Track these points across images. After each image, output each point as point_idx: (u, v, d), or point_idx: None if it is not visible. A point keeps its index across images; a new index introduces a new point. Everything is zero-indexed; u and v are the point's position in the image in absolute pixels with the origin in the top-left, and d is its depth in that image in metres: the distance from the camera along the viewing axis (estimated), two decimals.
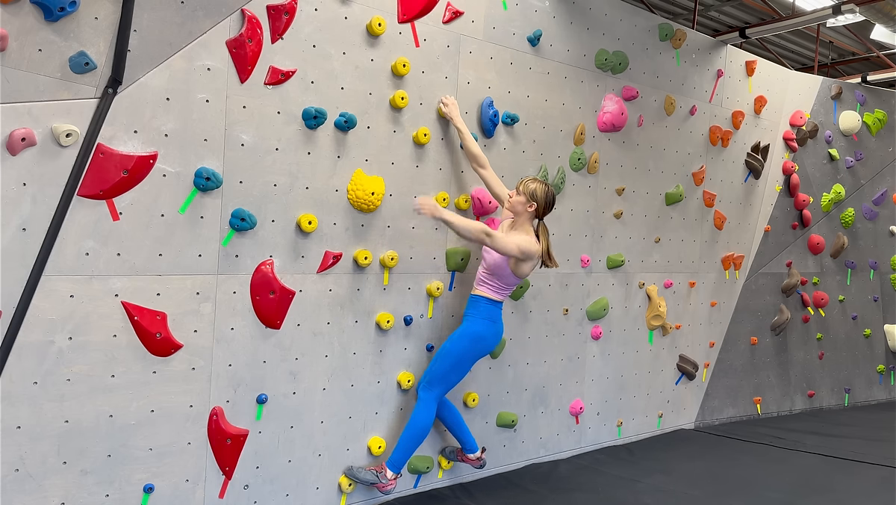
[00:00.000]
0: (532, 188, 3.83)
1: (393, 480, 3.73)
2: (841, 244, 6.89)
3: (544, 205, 3.86)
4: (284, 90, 3.44)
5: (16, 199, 2.76)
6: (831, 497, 4.34)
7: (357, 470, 3.74)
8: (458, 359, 3.78)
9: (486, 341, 3.82)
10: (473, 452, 4.08)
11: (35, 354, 2.84)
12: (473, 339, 3.79)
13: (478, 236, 3.65)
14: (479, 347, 3.81)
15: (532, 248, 3.77)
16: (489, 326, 3.82)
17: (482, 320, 3.81)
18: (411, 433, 3.73)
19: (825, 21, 6.53)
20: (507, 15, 4.33)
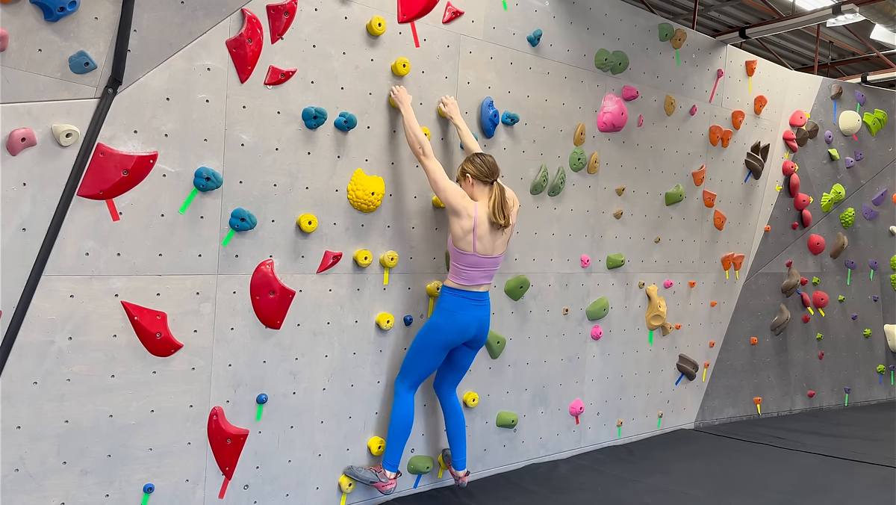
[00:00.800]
0: (463, 168, 3.75)
1: (392, 479, 3.73)
2: (841, 244, 6.89)
3: (475, 169, 3.70)
4: (284, 90, 3.44)
5: (16, 199, 2.76)
6: (831, 497, 4.34)
7: (357, 469, 3.74)
8: (415, 349, 3.76)
9: (441, 331, 3.70)
10: (459, 470, 4.02)
11: (35, 354, 2.84)
12: (427, 329, 3.74)
13: (415, 147, 3.68)
14: (432, 336, 3.71)
15: (458, 199, 3.62)
16: (443, 314, 3.70)
17: (437, 310, 3.75)
18: (394, 428, 3.74)
19: (825, 21, 6.53)
20: (507, 15, 4.33)
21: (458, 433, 3.98)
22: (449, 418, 3.97)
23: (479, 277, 3.76)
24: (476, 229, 3.65)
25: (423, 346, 3.74)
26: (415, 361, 3.77)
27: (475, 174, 3.71)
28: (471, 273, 3.74)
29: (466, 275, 3.73)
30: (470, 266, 3.72)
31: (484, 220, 3.66)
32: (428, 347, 3.74)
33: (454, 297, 3.74)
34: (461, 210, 3.63)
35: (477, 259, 3.70)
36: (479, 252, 3.68)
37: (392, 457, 3.74)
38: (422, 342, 3.75)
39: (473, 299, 3.76)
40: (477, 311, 3.78)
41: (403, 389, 3.77)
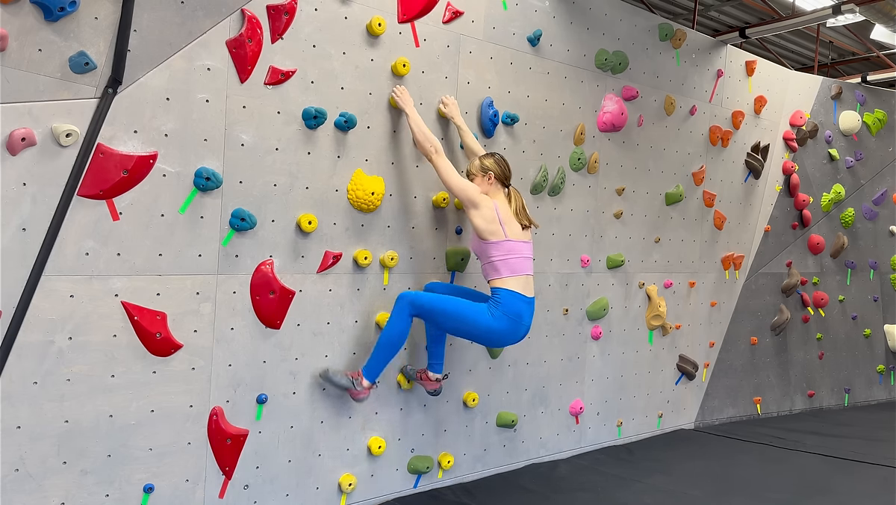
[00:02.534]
0: (483, 164, 3.75)
1: (367, 389, 3.61)
2: (841, 244, 6.89)
3: (499, 170, 3.75)
4: (284, 90, 3.44)
5: (16, 199, 2.76)
6: (831, 497, 4.34)
7: (332, 374, 3.58)
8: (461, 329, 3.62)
9: (501, 338, 3.65)
10: (436, 373, 3.89)
11: (35, 354, 2.84)
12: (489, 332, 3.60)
13: (425, 147, 3.67)
14: (490, 340, 3.66)
15: (475, 192, 3.63)
16: (507, 319, 3.59)
17: (499, 312, 3.58)
18: (385, 342, 3.59)
19: (825, 21, 6.53)
20: (507, 15, 4.33)
21: (441, 337, 3.87)
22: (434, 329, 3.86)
23: (524, 265, 3.68)
24: (500, 213, 3.64)
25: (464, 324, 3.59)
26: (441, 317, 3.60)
27: (499, 175, 3.75)
28: (514, 262, 3.64)
29: (511, 266, 3.63)
30: (509, 254, 3.63)
31: (503, 206, 3.70)
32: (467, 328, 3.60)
33: (517, 302, 3.61)
34: (480, 201, 3.63)
35: (512, 244, 3.64)
36: (511, 236, 3.64)
37: (374, 368, 3.61)
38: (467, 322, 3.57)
39: (531, 305, 3.70)
40: (530, 315, 3.71)
41: (407, 311, 3.57)
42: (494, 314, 3.59)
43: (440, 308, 3.60)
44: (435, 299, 3.62)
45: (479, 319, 3.59)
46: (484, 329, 3.60)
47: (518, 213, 3.75)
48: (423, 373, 3.93)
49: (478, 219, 3.64)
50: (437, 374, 3.90)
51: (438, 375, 3.90)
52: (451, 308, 3.61)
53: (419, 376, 3.93)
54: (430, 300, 3.60)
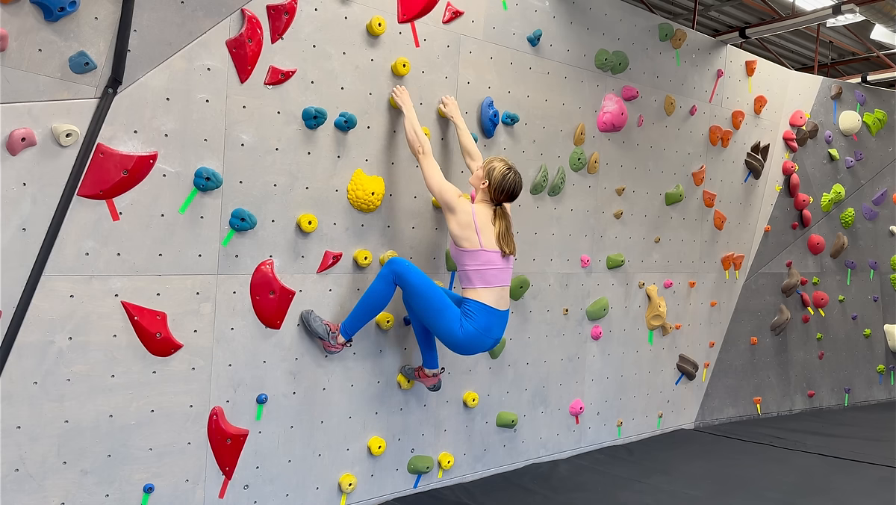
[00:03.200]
0: (492, 166, 3.60)
1: (341, 345, 3.57)
2: (841, 244, 6.89)
3: (496, 186, 3.56)
4: (284, 90, 3.44)
5: (16, 199, 2.76)
6: (831, 497, 4.34)
7: (314, 318, 3.53)
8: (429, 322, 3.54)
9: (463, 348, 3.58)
10: (431, 369, 3.86)
11: (35, 354, 2.84)
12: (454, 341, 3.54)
13: (414, 146, 3.64)
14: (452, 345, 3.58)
15: (452, 197, 3.51)
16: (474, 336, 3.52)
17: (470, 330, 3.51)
18: (366, 302, 3.54)
19: (825, 21, 6.53)
20: (507, 15, 4.33)
21: (429, 334, 3.82)
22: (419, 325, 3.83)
23: (499, 277, 3.56)
24: (476, 220, 3.52)
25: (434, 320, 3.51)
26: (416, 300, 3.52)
27: (492, 189, 3.58)
28: (487, 274, 3.54)
29: (485, 278, 3.53)
30: (484, 265, 3.53)
31: (483, 218, 3.55)
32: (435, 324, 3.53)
33: (488, 317, 3.53)
34: (456, 206, 3.51)
35: (488, 255, 3.52)
36: (486, 246, 3.52)
37: (351, 326, 3.56)
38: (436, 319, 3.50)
39: (502, 319, 3.61)
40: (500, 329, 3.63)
41: (391, 277, 3.51)
42: (463, 325, 3.51)
43: (420, 290, 3.51)
44: (420, 281, 3.52)
45: (448, 323, 3.50)
46: (449, 334, 3.52)
47: (500, 239, 3.56)
48: (419, 371, 3.92)
49: (453, 224, 3.54)
50: (434, 369, 3.89)
51: (435, 370, 3.89)
52: (430, 298, 3.51)
53: (417, 375, 3.93)
54: (416, 278, 3.51)
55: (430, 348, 3.88)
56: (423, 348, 3.88)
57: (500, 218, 3.60)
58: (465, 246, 3.54)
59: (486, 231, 3.55)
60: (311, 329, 3.54)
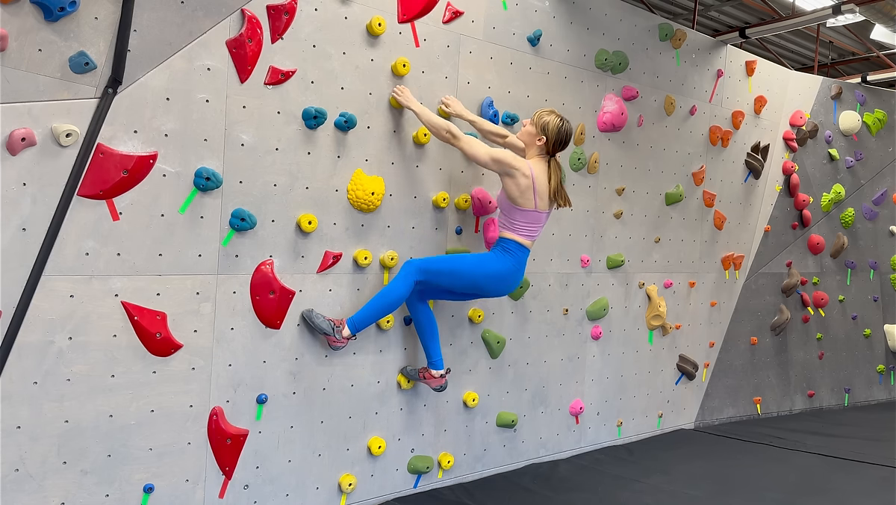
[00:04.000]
0: (545, 121, 3.67)
1: (345, 339, 3.57)
2: (841, 244, 6.89)
3: (555, 140, 3.67)
4: (284, 90, 3.44)
5: (16, 199, 2.76)
6: (831, 497, 4.34)
7: (315, 315, 3.53)
8: (465, 273, 3.66)
9: (500, 283, 3.69)
10: (438, 370, 3.88)
11: (35, 354, 2.84)
12: (493, 275, 3.66)
13: (442, 135, 3.64)
14: (490, 283, 3.68)
15: (509, 159, 3.57)
16: (510, 267, 3.67)
17: (508, 261, 3.66)
18: (381, 302, 3.57)
19: (825, 21, 6.54)
20: (507, 15, 4.33)
21: (432, 331, 3.85)
22: (419, 317, 3.84)
23: (537, 232, 3.74)
24: (535, 185, 3.62)
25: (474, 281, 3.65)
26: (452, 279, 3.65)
27: (550, 143, 3.67)
28: (532, 229, 3.70)
29: (528, 231, 3.68)
30: (532, 223, 3.67)
31: (541, 177, 3.64)
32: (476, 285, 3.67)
33: (523, 253, 3.70)
34: (517, 170, 3.58)
35: (537, 215, 3.68)
36: (540, 208, 3.66)
37: (361, 322, 3.57)
38: (476, 279, 3.64)
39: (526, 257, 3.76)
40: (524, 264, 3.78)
41: (414, 277, 3.60)
42: (502, 258, 3.66)
43: (448, 268, 3.66)
44: (440, 260, 3.70)
45: (484, 265, 3.66)
46: (491, 272, 3.65)
47: (555, 195, 3.68)
48: (425, 372, 3.91)
49: (511, 187, 3.62)
50: (440, 370, 3.89)
51: (441, 371, 3.89)
52: (457, 263, 3.68)
53: (422, 376, 3.92)
54: (436, 262, 3.67)
55: (435, 348, 3.87)
56: (430, 348, 3.87)
57: (555, 172, 3.70)
58: (519, 204, 3.65)
59: (543, 191, 3.66)
60: (315, 326, 3.53)
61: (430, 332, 3.86)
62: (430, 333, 3.86)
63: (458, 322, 4.24)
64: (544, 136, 3.67)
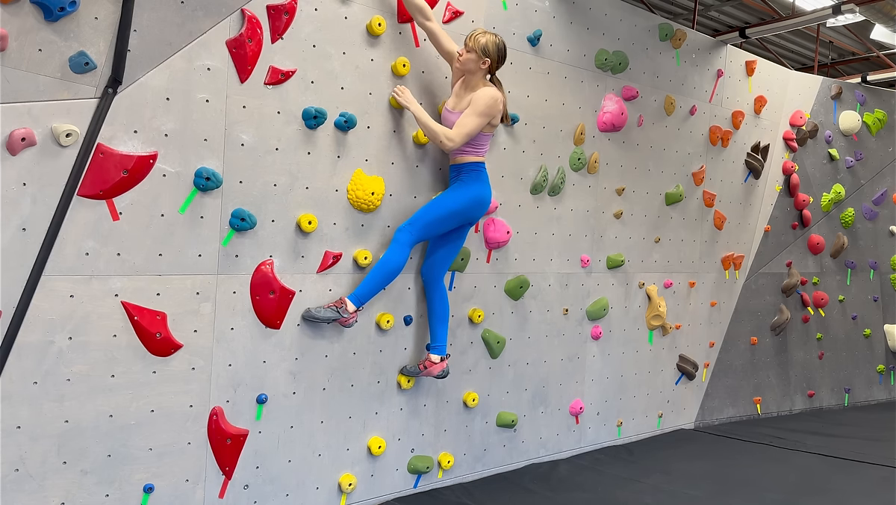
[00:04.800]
0: (483, 42, 3.70)
1: (354, 313, 3.58)
2: (841, 244, 6.89)
3: (497, 58, 3.75)
4: (284, 90, 3.44)
5: (16, 199, 2.76)
6: (831, 497, 4.34)
7: (316, 310, 3.53)
8: (451, 213, 3.77)
9: (483, 205, 3.85)
10: (438, 355, 3.88)
11: (35, 354, 2.84)
12: (473, 200, 3.80)
13: (438, 139, 3.69)
14: (474, 209, 3.83)
15: (496, 106, 3.73)
16: (486, 188, 3.86)
17: (481, 183, 3.83)
18: (381, 272, 3.63)
19: (825, 21, 6.54)
20: (507, 15, 4.33)
21: (444, 316, 3.91)
22: (437, 300, 3.90)
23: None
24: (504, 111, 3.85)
25: (460, 214, 3.79)
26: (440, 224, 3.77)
27: (493, 63, 3.76)
28: (486, 145, 3.88)
29: (482, 147, 3.85)
30: (486, 140, 3.86)
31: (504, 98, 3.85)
32: (462, 216, 3.80)
33: (484, 170, 3.86)
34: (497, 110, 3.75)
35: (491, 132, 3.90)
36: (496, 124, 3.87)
37: (364, 295, 3.61)
38: (461, 210, 3.78)
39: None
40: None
41: (406, 241, 3.69)
42: (478, 182, 3.82)
43: (435, 216, 3.75)
44: (424, 214, 3.75)
45: (467, 195, 3.79)
46: (475, 198, 3.80)
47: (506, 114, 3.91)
48: (424, 361, 3.91)
49: (487, 127, 3.79)
50: (440, 355, 3.89)
51: (441, 356, 3.89)
52: (442, 208, 3.76)
53: (421, 367, 3.91)
54: (422, 218, 3.74)
55: (441, 332, 3.89)
56: (436, 330, 3.90)
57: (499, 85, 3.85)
58: (487, 130, 3.81)
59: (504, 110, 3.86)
60: (321, 319, 3.53)
61: (440, 315, 3.91)
62: (439, 315, 3.91)
63: (458, 322, 4.24)
64: (487, 59, 3.72)
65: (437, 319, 3.90)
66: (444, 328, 3.92)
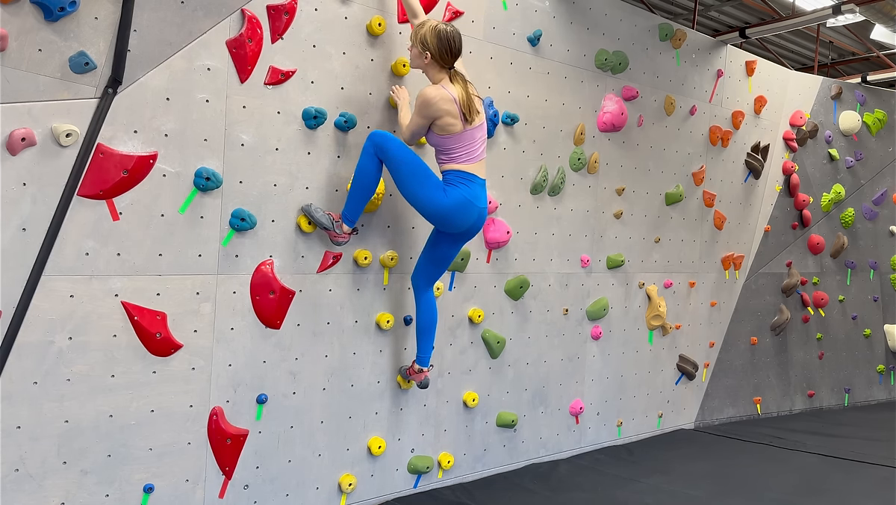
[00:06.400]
0: (422, 34, 3.38)
1: (347, 234, 3.52)
2: (841, 244, 6.89)
3: (439, 47, 3.36)
4: (284, 90, 3.44)
5: (16, 199, 2.76)
6: (831, 497, 4.34)
7: (315, 209, 3.48)
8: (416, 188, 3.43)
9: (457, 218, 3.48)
10: (421, 366, 3.79)
11: (35, 354, 2.84)
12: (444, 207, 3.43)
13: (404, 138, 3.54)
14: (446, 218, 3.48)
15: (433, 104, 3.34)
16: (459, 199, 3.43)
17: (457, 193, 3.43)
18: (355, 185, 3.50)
19: (825, 21, 6.53)
20: (507, 15, 4.33)
21: (428, 326, 3.76)
22: (421, 310, 3.75)
23: (479, 148, 3.51)
24: (461, 109, 3.39)
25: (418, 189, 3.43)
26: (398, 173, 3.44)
27: (436, 53, 3.38)
28: (469, 149, 3.48)
29: (467, 154, 3.47)
30: (466, 143, 3.46)
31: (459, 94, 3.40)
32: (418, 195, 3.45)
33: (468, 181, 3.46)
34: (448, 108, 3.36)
35: (469, 133, 3.46)
36: (465, 127, 3.44)
37: (349, 212, 3.50)
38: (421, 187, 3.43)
39: (482, 187, 3.53)
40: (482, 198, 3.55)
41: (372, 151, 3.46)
42: (447, 191, 3.43)
43: (401, 158, 3.42)
44: (400, 149, 3.43)
45: (431, 190, 3.42)
46: (435, 201, 3.42)
47: (466, 108, 3.40)
48: (411, 366, 3.87)
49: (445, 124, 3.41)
50: (422, 366, 3.82)
51: (421, 367, 3.82)
52: (412, 165, 3.42)
53: (409, 372, 3.90)
54: (396, 147, 3.42)
55: (424, 344, 3.79)
56: (418, 342, 3.81)
57: (460, 84, 3.44)
58: (450, 132, 3.43)
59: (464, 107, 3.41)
60: (315, 220, 3.49)
61: (423, 325, 3.76)
62: (422, 326, 3.76)
63: (458, 322, 4.24)
64: (427, 52, 3.38)
65: (421, 329, 3.78)
66: (428, 339, 3.80)
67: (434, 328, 3.81)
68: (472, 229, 3.59)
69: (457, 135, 3.44)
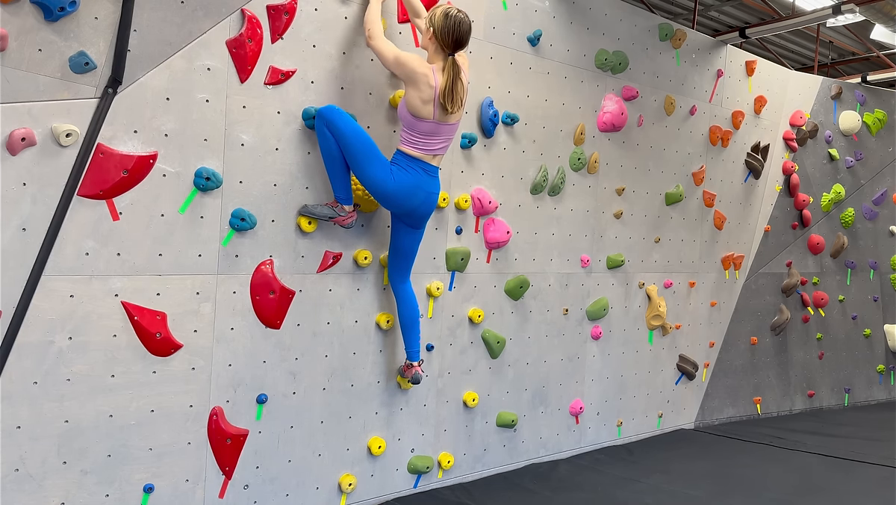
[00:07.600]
0: (433, 12, 3.39)
1: (350, 213, 3.52)
2: (841, 244, 6.89)
3: (443, 28, 3.34)
4: (284, 90, 3.44)
5: (16, 199, 2.76)
6: (831, 497, 4.34)
7: (313, 207, 3.49)
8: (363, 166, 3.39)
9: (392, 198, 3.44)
10: (411, 361, 3.80)
11: (35, 354, 2.84)
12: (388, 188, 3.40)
13: (366, 29, 3.44)
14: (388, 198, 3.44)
15: (414, 65, 3.30)
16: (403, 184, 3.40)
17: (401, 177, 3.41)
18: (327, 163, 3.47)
19: (825, 21, 6.53)
20: (507, 15, 4.33)
21: (411, 320, 3.74)
22: (401, 305, 3.73)
23: (439, 145, 3.48)
24: (437, 98, 3.35)
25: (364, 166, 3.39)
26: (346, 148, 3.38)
27: (439, 35, 3.37)
28: (430, 142, 3.45)
29: (425, 144, 3.44)
30: (428, 134, 3.42)
31: (441, 83, 3.36)
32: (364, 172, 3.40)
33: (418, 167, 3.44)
34: (420, 78, 3.30)
35: (435, 126, 3.41)
36: (438, 119, 3.39)
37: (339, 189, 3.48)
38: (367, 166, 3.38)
39: (432, 175, 3.51)
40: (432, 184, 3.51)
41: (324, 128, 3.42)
42: (394, 173, 3.41)
43: (349, 134, 3.36)
44: (348, 126, 3.37)
45: (378, 170, 3.38)
46: (380, 181, 3.39)
47: (444, 96, 3.34)
48: (405, 363, 3.87)
49: (412, 97, 3.35)
50: (412, 361, 3.81)
51: (411, 362, 3.81)
52: (360, 143, 3.37)
53: (403, 370, 3.89)
54: (343, 123, 3.37)
55: (411, 339, 3.78)
56: (404, 337, 3.80)
57: (448, 72, 3.37)
58: (420, 115, 3.39)
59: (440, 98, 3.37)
60: (318, 216, 3.50)
61: (405, 320, 3.74)
62: (404, 321, 3.75)
63: (459, 322, 4.24)
64: (431, 28, 3.39)
65: (404, 324, 3.76)
66: (413, 333, 3.77)
67: (417, 321, 3.78)
68: (419, 209, 3.53)
69: (424, 121, 3.39)
